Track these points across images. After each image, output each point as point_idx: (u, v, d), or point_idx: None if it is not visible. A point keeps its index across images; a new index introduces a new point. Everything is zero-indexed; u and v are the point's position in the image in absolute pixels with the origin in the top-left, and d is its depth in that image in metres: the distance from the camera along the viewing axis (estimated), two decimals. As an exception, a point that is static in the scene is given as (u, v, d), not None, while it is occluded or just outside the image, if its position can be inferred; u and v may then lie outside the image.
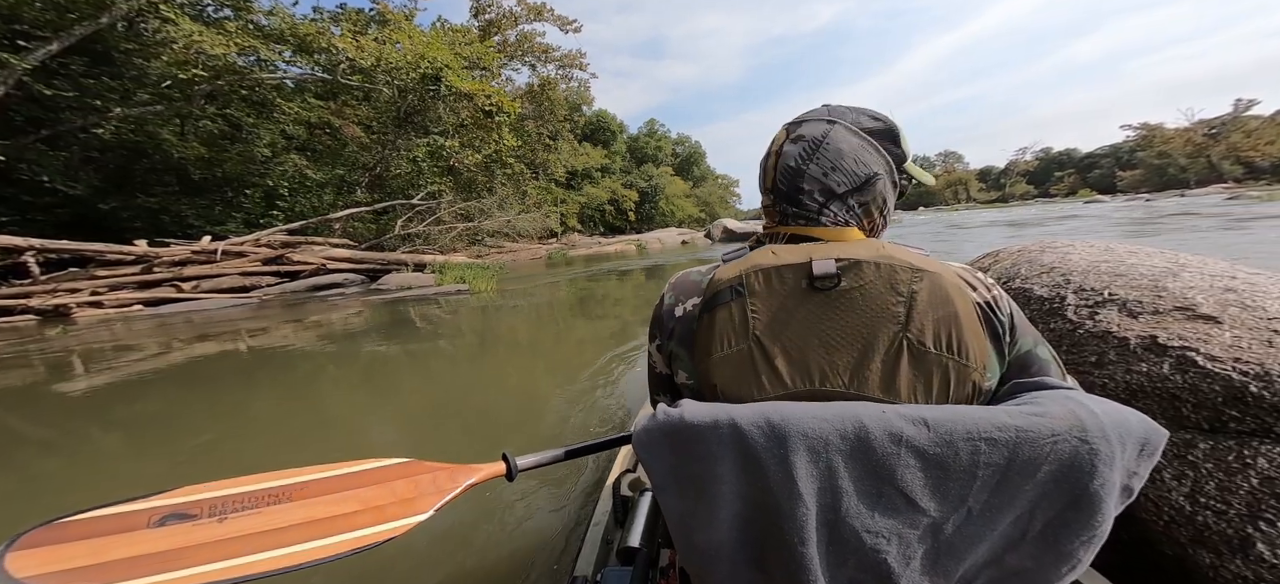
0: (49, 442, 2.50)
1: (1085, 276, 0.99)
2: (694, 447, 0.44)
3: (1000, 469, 0.40)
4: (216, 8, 10.87)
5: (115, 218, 9.14)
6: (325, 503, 0.48)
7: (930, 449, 0.40)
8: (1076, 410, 0.41)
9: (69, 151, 9.12)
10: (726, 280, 0.53)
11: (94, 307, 6.49)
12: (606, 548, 0.95)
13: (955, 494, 0.41)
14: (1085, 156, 77.73)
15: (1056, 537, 0.41)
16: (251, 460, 2.11)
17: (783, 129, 0.60)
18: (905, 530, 0.42)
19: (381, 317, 5.89)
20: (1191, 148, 53.06)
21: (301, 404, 2.95)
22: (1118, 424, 0.41)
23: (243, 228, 10.19)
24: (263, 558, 0.41)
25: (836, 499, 0.42)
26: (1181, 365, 0.77)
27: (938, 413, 0.42)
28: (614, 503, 0.95)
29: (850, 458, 0.41)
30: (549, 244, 19.31)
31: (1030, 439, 0.40)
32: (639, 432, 0.47)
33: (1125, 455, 0.41)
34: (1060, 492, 0.40)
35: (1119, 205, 27.79)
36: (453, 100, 12.26)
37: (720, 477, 0.43)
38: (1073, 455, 0.39)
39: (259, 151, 11.92)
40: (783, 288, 0.51)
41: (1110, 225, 12.73)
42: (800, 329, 0.50)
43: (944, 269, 0.51)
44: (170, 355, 4.27)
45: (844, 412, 0.42)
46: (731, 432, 0.43)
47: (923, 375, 0.47)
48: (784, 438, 0.41)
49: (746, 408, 0.44)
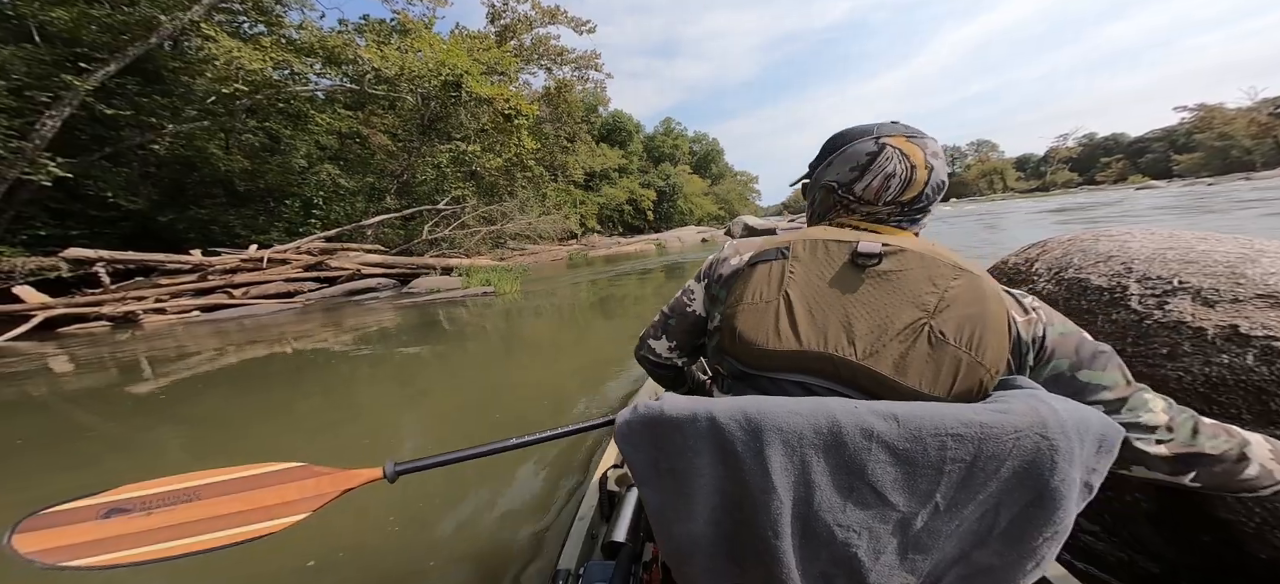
0: (122, 438, 2.72)
1: (1149, 265, 0.93)
2: (673, 439, 0.45)
3: (966, 465, 0.40)
4: (252, 24, 11.46)
5: (172, 229, 9.78)
6: (224, 502, 0.56)
7: (899, 444, 0.41)
8: (1038, 408, 0.41)
9: (129, 168, 9.81)
10: (777, 244, 0.58)
11: (158, 313, 6.98)
12: (591, 542, 0.95)
13: (923, 489, 0.41)
14: (1134, 141, 72.81)
15: (1021, 533, 0.41)
16: (286, 451, 2.24)
17: (914, 144, 0.61)
18: (875, 525, 0.42)
19: (413, 319, 6.10)
20: (1256, 128, 48.95)
21: (341, 405, 3.10)
22: (1077, 421, 0.41)
23: (284, 236, 10.74)
24: (173, 545, 0.52)
25: (810, 493, 0.42)
26: (1268, 356, 0.73)
27: (908, 409, 0.42)
28: (600, 497, 0.96)
29: (824, 452, 0.42)
30: (569, 245, 19.49)
31: (994, 435, 0.40)
32: (621, 424, 0.48)
33: (1084, 452, 0.41)
34: (1023, 488, 0.40)
35: (1177, 190, 25.84)
36: (473, 106, 12.55)
37: (698, 470, 0.44)
38: (1034, 452, 0.40)
39: (296, 162, 12.51)
40: (826, 258, 0.55)
41: (1190, 212, 11.88)
42: (831, 297, 0.53)
43: (986, 277, 0.53)
44: (226, 358, 4.55)
45: (818, 407, 0.43)
46: (709, 425, 0.43)
47: (935, 363, 0.48)
48: (759, 432, 0.42)
49: (724, 401, 0.45)
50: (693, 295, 0.68)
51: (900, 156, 0.59)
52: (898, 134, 0.61)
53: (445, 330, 5.40)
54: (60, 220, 8.40)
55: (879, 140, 0.61)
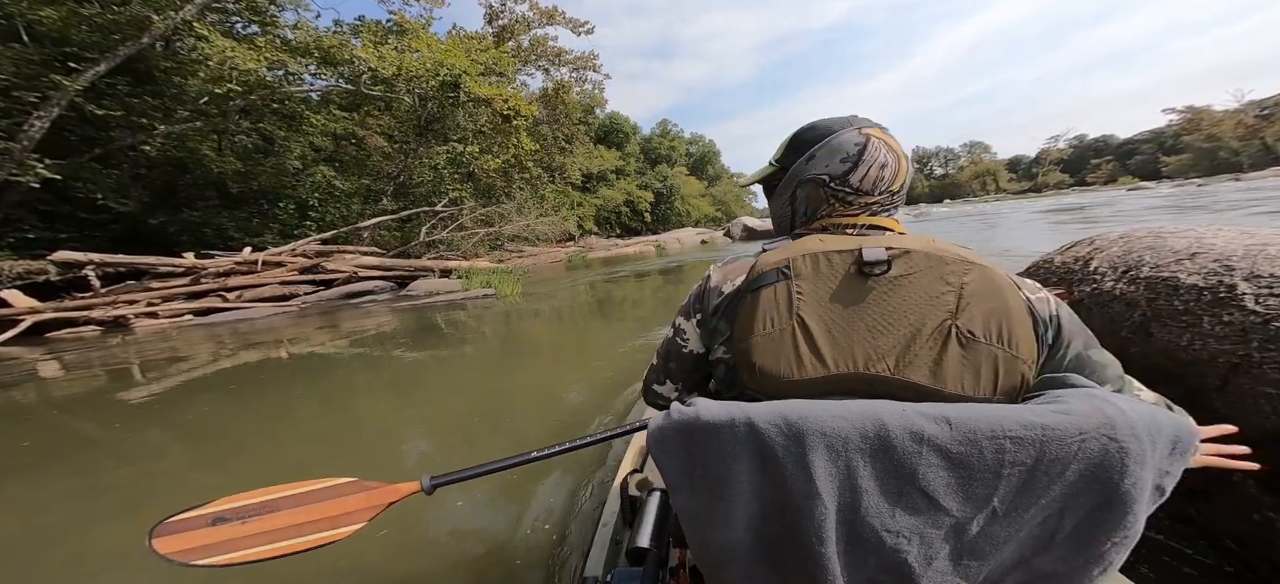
0: (116, 444, 2.60)
1: (1254, 262, 0.86)
2: (710, 445, 0.43)
3: (1027, 469, 0.39)
4: (245, 24, 11.30)
5: (163, 232, 9.59)
6: (298, 513, 0.64)
7: (953, 448, 0.40)
8: (1104, 408, 0.40)
9: (120, 169, 9.62)
10: (773, 263, 0.54)
11: (150, 317, 6.81)
12: (615, 548, 0.94)
13: (980, 494, 0.40)
14: (1124, 143, 73.76)
15: (1088, 538, 0.40)
16: (292, 464, 2.14)
17: (888, 135, 0.62)
18: (927, 530, 0.41)
19: (412, 323, 5.99)
20: (1243, 130, 49.82)
21: (340, 413, 3.00)
22: (1147, 421, 0.40)
23: (279, 239, 10.56)
24: (267, 548, 0.61)
25: (856, 498, 0.41)
26: None
27: (960, 411, 0.41)
28: (622, 503, 0.94)
29: (870, 457, 0.41)
30: (567, 247, 19.40)
31: (1057, 438, 0.38)
32: (653, 429, 0.46)
33: (1156, 454, 0.39)
34: (1090, 492, 0.39)
35: (1167, 192, 26.21)
36: (471, 106, 12.43)
37: (736, 476, 0.43)
38: (1102, 454, 0.38)
39: (290, 164, 12.34)
40: (831, 272, 0.52)
41: (1186, 212, 12.00)
42: (846, 313, 0.50)
43: (995, 266, 0.52)
44: (220, 363, 4.42)
45: (864, 410, 0.42)
46: (748, 430, 0.42)
47: (971, 364, 0.47)
48: (801, 437, 0.41)
49: (763, 406, 0.43)
50: (685, 335, 0.64)
51: (885, 147, 0.60)
52: (872, 126, 0.61)
53: (445, 334, 5.30)
54: (49, 223, 8.21)
55: (862, 131, 0.60)
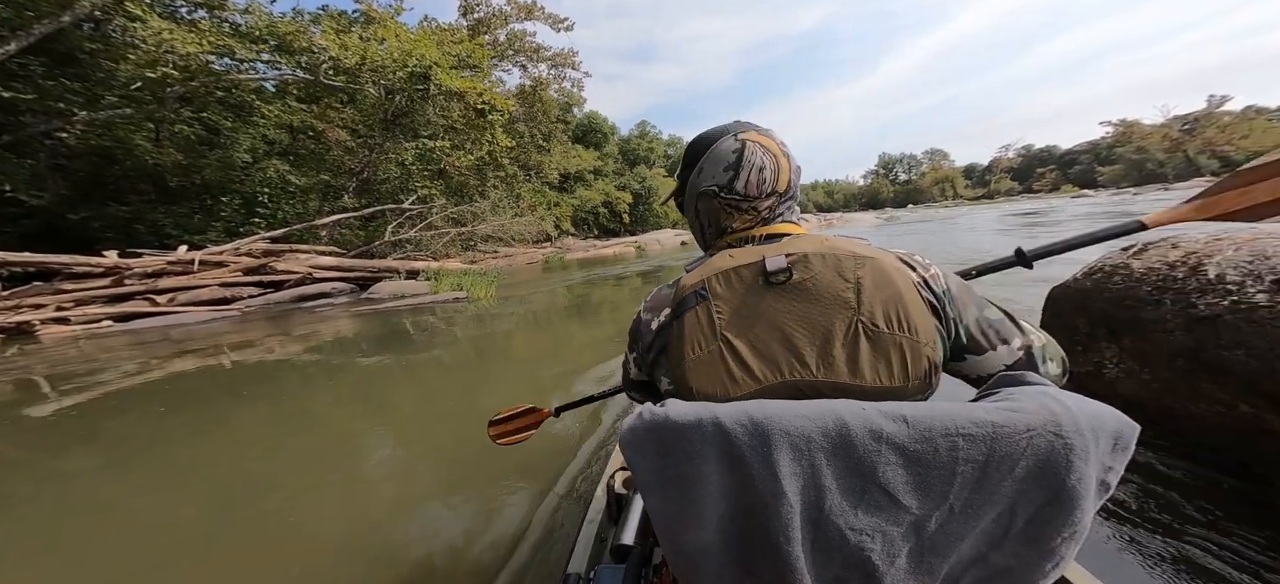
0: (25, 461, 2.16)
1: None
2: (679, 446, 0.43)
3: (979, 465, 0.40)
4: (190, 9, 10.36)
5: (85, 228, 8.60)
6: (512, 423, 1.29)
7: (910, 445, 0.40)
8: (1050, 405, 0.41)
9: (35, 159, 8.57)
10: (691, 286, 0.56)
11: (60, 323, 6.02)
12: (600, 545, 0.95)
13: (937, 491, 0.41)
14: (1065, 153, 79.58)
15: (1039, 533, 0.41)
16: (260, 476, 1.79)
17: (765, 136, 0.64)
18: (888, 528, 0.41)
19: (376, 328, 5.52)
20: (1168, 143, 54.66)
21: (293, 416, 2.63)
22: (1091, 418, 0.40)
23: (223, 236, 9.69)
24: (516, 437, 1.31)
25: (820, 497, 0.42)
26: None
27: (917, 409, 0.42)
28: (608, 500, 0.96)
29: (832, 455, 0.41)
30: (545, 248, 18.96)
31: (1006, 434, 0.39)
32: (624, 431, 0.46)
33: (1099, 450, 0.40)
34: (1039, 488, 0.40)
35: (1107, 199, 28.29)
36: (442, 100, 11.85)
37: (705, 476, 0.43)
38: (1049, 450, 0.39)
39: (239, 157, 11.41)
40: (742, 286, 0.54)
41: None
42: (763, 324, 0.53)
43: (883, 254, 0.54)
44: (149, 372, 3.90)
45: (824, 409, 0.42)
46: (715, 430, 0.42)
47: (883, 355, 0.50)
48: (767, 436, 0.41)
49: (730, 406, 0.44)
50: (629, 368, 0.68)
51: (762, 149, 0.62)
52: (749, 130, 0.63)
53: (413, 340, 4.89)
54: (-59, 217, 7.21)
55: (738, 137, 0.63)
